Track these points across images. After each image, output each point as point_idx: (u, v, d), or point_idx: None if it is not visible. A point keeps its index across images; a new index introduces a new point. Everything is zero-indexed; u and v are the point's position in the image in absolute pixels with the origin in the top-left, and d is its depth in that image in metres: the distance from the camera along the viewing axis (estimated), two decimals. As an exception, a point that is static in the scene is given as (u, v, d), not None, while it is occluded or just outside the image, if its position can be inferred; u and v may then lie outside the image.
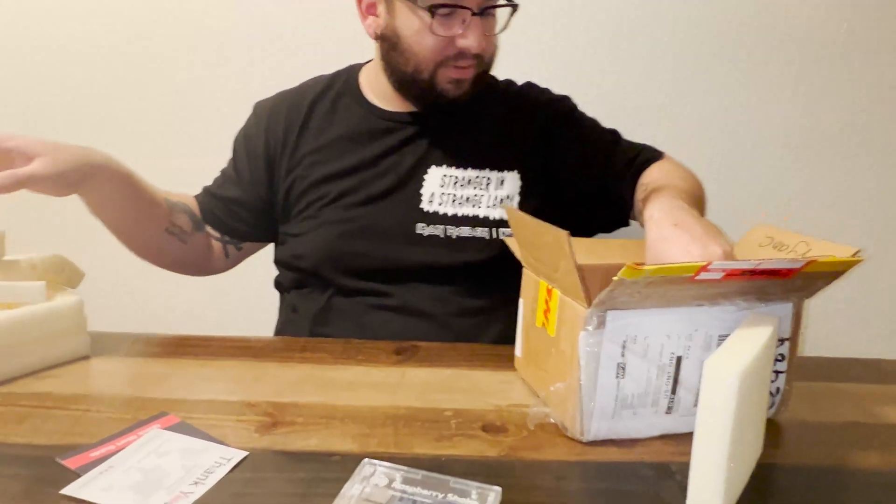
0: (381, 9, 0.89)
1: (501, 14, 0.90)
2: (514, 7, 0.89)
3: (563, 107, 1.03)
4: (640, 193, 0.93)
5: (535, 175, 0.96)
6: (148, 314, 1.41)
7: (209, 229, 0.99)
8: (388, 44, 0.89)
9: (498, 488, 0.52)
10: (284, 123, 0.98)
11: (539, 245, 0.66)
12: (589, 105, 1.28)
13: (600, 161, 0.99)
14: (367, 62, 1.02)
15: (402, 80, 0.91)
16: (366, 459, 0.56)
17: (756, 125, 1.33)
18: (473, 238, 0.92)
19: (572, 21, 1.28)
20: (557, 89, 1.27)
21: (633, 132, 1.31)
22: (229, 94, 1.31)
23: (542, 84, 1.06)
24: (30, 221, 1.37)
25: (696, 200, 0.85)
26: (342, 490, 0.51)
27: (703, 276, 0.54)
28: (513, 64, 1.26)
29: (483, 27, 0.86)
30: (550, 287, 0.65)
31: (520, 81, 1.06)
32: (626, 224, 1.02)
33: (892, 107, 1.32)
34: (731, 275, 0.55)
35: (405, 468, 0.54)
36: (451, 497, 0.51)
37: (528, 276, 0.72)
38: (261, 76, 1.30)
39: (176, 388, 0.71)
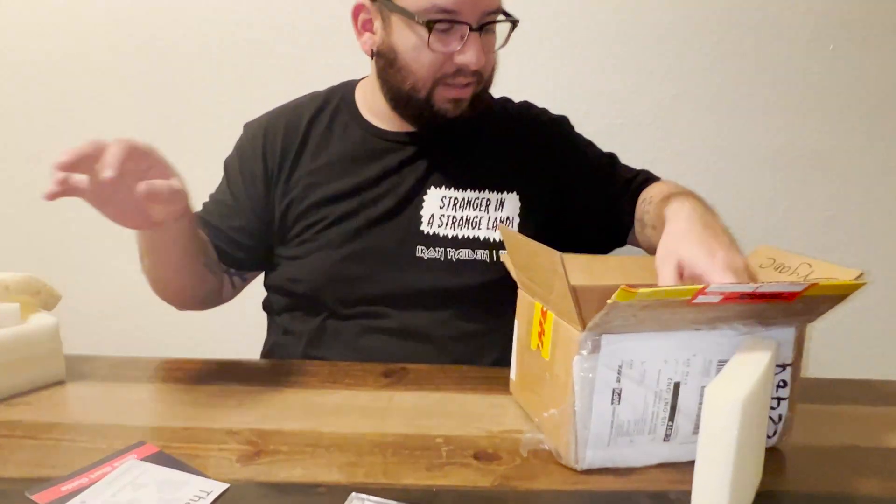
0: (377, 25, 0.87)
1: (501, 30, 0.88)
2: (514, 23, 0.87)
3: (561, 128, 1.03)
4: (640, 211, 0.92)
5: (534, 196, 0.95)
6: (127, 337, 1.38)
7: None
8: (385, 60, 0.87)
9: None
10: (282, 144, 0.95)
11: (533, 266, 0.64)
12: (580, 121, 1.27)
13: (599, 182, 0.98)
14: (363, 79, 1.00)
15: (399, 98, 0.89)
16: (353, 493, 0.53)
17: (745, 147, 1.33)
18: (474, 261, 0.90)
19: (567, 36, 1.27)
20: (548, 105, 1.27)
21: (620, 151, 1.31)
22: (229, 98, 1.29)
23: (543, 100, 1.05)
24: (2, 242, 1.33)
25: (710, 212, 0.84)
26: None
27: (700, 299, 0.52)
28: (503, 79, 1.26)
29: (482, 43, 0.84)
30: (545, 309, 0.63)
31: (516, 98, 1.05)
32: (623, 244, 1.01)
33: (880, 126, 1.33)
34: (729, 298, 0.53)
35: (394, 502, 0.52)
36: None
37: (523, 298, 0.70)
38: (260, 80, 1.28)
39: (155, 415, 0.68)
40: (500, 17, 0.86)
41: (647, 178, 0.98)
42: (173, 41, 1.28)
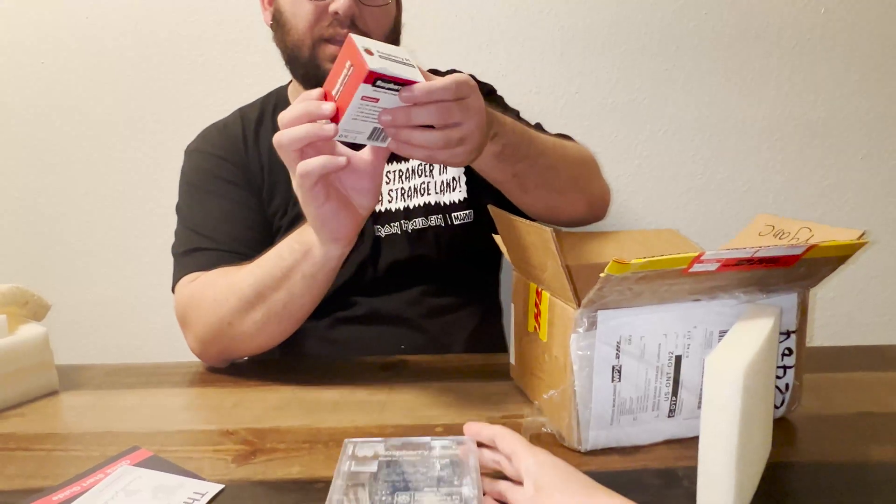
0: None
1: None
2: None
3: (491, 95, 1.01)
4: None
5: None
6: (120, 345, 1.36)
7: None
8: (276, 24, 0.87)
9: (474, 443, 0.53)
10: (238, 155, 0.92)
11: (525, 246, 0.63)
12: (572, 102, 1.26)
13: None
14: (290, 82, 0.98)
15: (289, 61, 0.87)
16: (346, 440, 0.53)
17: (740, 119, 1.31)
18: (429, 228, 0.90)
19: (554, 16, 1.25)
20: (538, 86, 1.25)
21: (616, 129, 1.29)
22: (216, 95, 1.27)
23: (533, 82, 1.02)
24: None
25: (548, 145, 0.82)
26: (335, 469, 0.49)
27: (696, 267, 0.51)
28: (497, 62, 1.24)
29: None
30: (540, 289, 0.62)
31: (506, 80, 1.03)
32: None
33: (875, 94, 1.30)
34: (727, 265, 0.52)
35: (383, 439, 0.53)
36: (434, 452, 0.52)
37: (518, 280, 0.69)
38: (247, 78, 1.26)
39: (148, 420, 0.67)
40: None
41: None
42: (160, 39, 1.26)
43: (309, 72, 0.85)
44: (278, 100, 0.97)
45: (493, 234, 0.74)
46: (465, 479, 0.49)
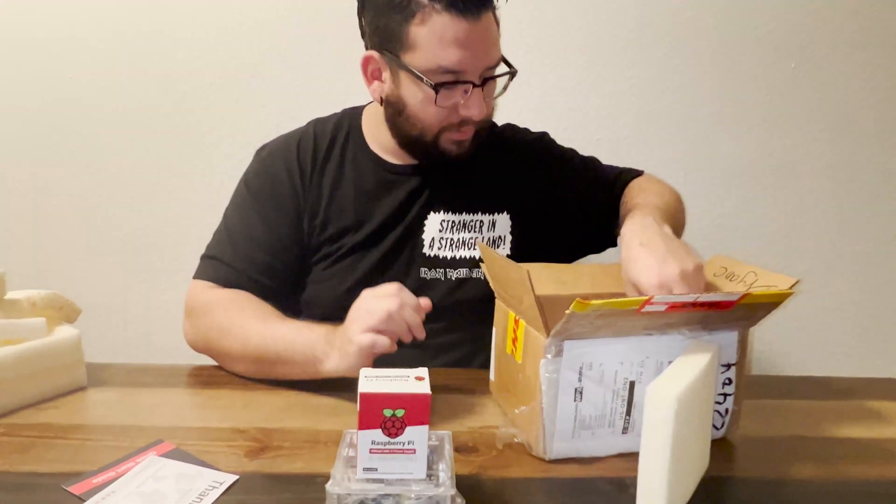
0: (385, 75, 0.90)
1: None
2: (513, 73, 0.90)
3: (543, 143, 1.09)
4: (622, 212, 0.98)
5: (525, 214, 1.01)
6: (140, 346, 1.44)
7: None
8: (394, 109, 0.91)
9: (448, 432, 0.63)
10: (304, 170, 0.97)
11: (506, 280, 0.72)
12: (560, 139, 1.34)
13: (584, 187, 1.04)
14: (365, 107, 1.03)
15: (408, 142, 0.94)
16: (346, 430, 0.62)
17: (713, 160, 1.40)
18: (471, 279, 0.97)
19: (545, 58, 1.34)
20: (529, 124, 1.34)
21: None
22: (239, 102, 1.36)
23: (525, 116, 1.10)
24: (27, 261, 1.40)
25: (670, 214, 0.90)
26: (337, 453, 0.59)
27: (647, 308, 0.60)
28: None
29: (484, 95, 0.88)
30: (518, 318, 0.71)
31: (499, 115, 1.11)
32: (615, 244, 1.05)
33: (840, 138, 1.40)
34: (674, 307, 0.61)
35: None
36: None
37: (499, 307, 0.78)
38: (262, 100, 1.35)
39: (170, 417, 0.75)
40: (501, 69, 0.89)
41: (629, 178, 1.05)
42: (183, 59, 1.35)
43: (428, 151, 0.93)
44: (351, 127, 1.01)
45: (481, 263, 0.82)
46: (441, 464, 0.59)
